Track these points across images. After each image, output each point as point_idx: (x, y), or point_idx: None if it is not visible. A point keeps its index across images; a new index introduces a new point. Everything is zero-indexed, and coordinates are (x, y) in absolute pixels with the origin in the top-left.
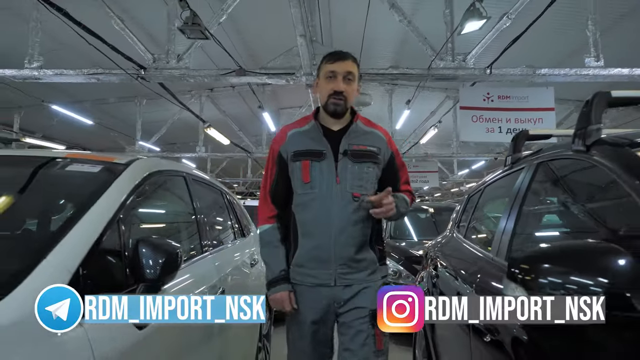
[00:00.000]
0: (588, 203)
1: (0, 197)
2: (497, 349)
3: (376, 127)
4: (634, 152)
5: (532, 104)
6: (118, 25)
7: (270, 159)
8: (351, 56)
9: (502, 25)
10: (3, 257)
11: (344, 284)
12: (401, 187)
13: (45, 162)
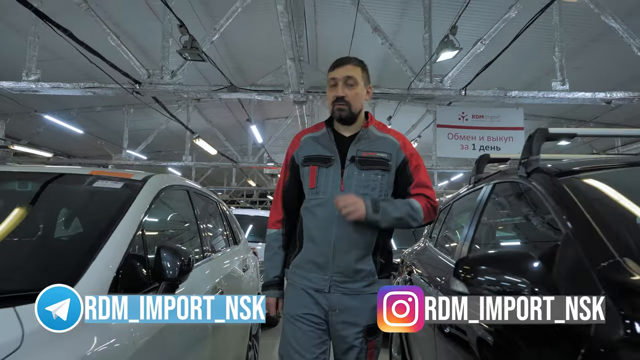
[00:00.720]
0: (526, 219)
1: (45, 209)
2: (461, 346)
3: (390, 132)
4: (559, 181)
5: (503, 124)
6: (114, 41)
7: (284, 164)
8: (353, 60)
9: (477, 50)
10: (63, 257)
11: (340, 292)
12: (412, 190)
13: (75, 180)
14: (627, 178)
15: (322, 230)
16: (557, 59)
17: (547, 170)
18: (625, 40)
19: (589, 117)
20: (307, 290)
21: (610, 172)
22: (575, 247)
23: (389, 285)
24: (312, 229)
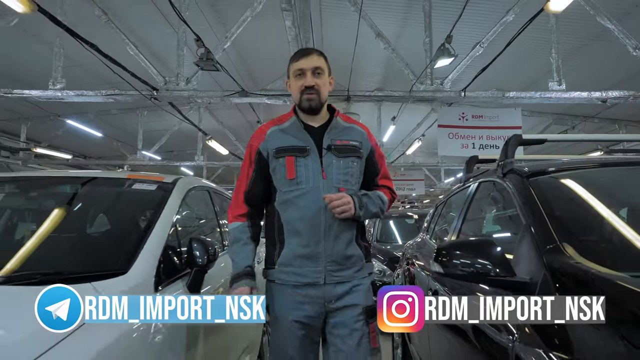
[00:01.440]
0: (502, 212)
1: (96, 208)
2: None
3: (355, 122)
4: (527, 181)
5: (502, 123)
6: (132, 50)
7: (247, 158)
8: (316, 51)
9: (475, 53)
10: (118, 248)
11: (334, 282)
12: (379, 182)
13: (117, 183)
14: (586, 177)
15: (308, 221)
16: (554, 60)
17: (519, 171)
18: (620, 41)
19: (592, 112)
20: (300, 287)
21: (573, 172)
22: (529, 235)
23: (388, 285)
24: (296, 221)
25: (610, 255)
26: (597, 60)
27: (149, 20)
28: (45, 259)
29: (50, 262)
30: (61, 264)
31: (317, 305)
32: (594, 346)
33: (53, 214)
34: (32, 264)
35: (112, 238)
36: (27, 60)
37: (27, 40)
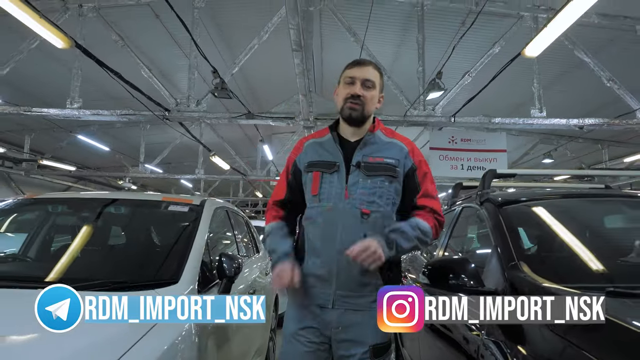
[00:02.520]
0: (479, 233)
1: (142, 227)
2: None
3: (398, 137)
4: (499, 209)
5: (488, 146)
6: (146, 73)
7: (285, 169)
8: (372, 63)
9: (464, 82)
10: (167, 260)
11: (344, 308)
12: (418, 201)
13: (155, 204)
14: (547, 207)
15: (324, 241)
16: (536, 90)
17: (493, 200)
18: (595, 73)
19: (577, 133)
20: (306, 307)
21: (537, 202)
22: (496, 254)
23: (389, 286)
24: (314, 239)
25: (554, 272)
26: (576, 89)
27: (160, 43)
28: (112, 271)
29: (116, 273)
30: (126, 275)
31: (324, 328)
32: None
33: (109, 232)
34: (103, 274)
35: (162, 253)
36: (45, 79)
37: (45, 61)
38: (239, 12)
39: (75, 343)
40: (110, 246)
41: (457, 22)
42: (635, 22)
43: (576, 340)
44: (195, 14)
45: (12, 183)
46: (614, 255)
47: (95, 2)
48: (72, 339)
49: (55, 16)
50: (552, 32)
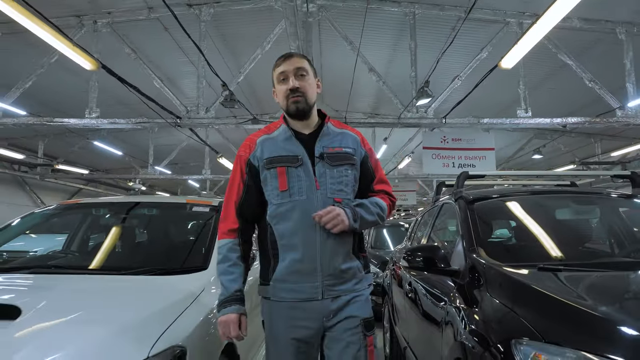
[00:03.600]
0: (453, 226)
1: (176, 224)
2: (415, 305)
3: (347, 127)
4: (469, 205)
5: (477, 145)
6: (158, 84)
7: (237, 169)
8: (296, 53)
9: (455, 85)
10: (197, 251)
11: (332, 296)
12: (375, 187)
13: (182, 206)
14: (508, 203)
15: (303, 235)
16: (522, 91)
17: (465, 198)
18: (578, 74)
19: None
20: (297, 304)
21: (501, 199)
22: (462, 241)
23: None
24: (290, 235)
25: (504, 254)
26: (559, 89)
27: (167, 51)
28: (156, 259)
29: (160, 261)
30: (167, 263)
31: (315, 322)
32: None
33: (151, 229)
34: (149, 262)
35: (192, 246)
36: (63, 91)
37: (63, 73)
38: (242, 23)
39: (135, 315)
40: (151, 241)
41: (447, 28)
42: (615, 25)
43: (510, 304)
44: (202, 27)
45: (27, 187)
46: (554, 241)
47: (109, 18)
48: (132, 312)
49: (72, 32)
50: (523, 46)
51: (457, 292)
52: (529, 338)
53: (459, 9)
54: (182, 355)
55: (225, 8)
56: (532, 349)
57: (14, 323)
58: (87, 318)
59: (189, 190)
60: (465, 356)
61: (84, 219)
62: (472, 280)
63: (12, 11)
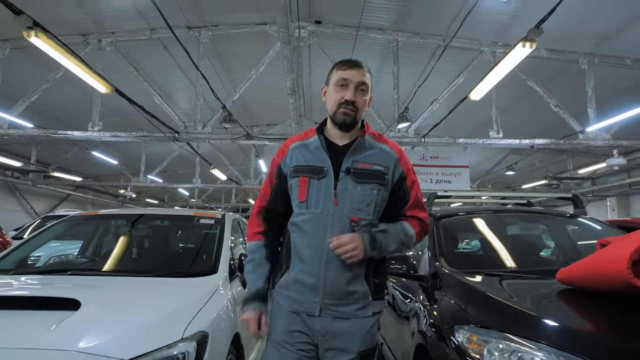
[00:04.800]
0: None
1: (186, 234)
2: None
3: (387, 142)
4: (436, 222)
5: (454, 162)
6: (158, 100)
7: (269, 173)
8: (365, 66)
9: (433, 107)
10: (206, 258)
11: (331, 316)
12: (407, 212)
13: (190, 219)
14: (469, 220)
15: (312, 249)
16: (494, 114)
17: (433, 215)
18: (544, 99)
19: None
20: (295, 313)
21: (464, 217)
22: (428, 251)
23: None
24: (301, 247)
25: (460, 263)
26: (528, 113)
27: (164, 67)
28: (174, 264)
29: (177, 266)
30: (183, 268)
31: (310, 336)
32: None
33: (166, 238)
34: (168, 268)
35: (203, 253)
36: (67, 104)
37: (67, 88)
38: (238, 45)
39: (169, 306)
40: (167, 248)
41: (427, 54)
42: (579, 56)
43: (459, 302)
44: (200, 49)
45: (17, 192)
46: (503, 252)
47: (113, 38)
48: (167, 304)
49: (77, 49)
50: (489, 81)
51: (422, 293)
52: (467, 324)
53: (437, 37)
54: (206, 338)
55: (223, 31)
56: (468, 332)
57: (77, 312)
58: (133, 308)
59: (176, 198)
60: (426, 342)
61: (106, 228)
62: (434, 283)
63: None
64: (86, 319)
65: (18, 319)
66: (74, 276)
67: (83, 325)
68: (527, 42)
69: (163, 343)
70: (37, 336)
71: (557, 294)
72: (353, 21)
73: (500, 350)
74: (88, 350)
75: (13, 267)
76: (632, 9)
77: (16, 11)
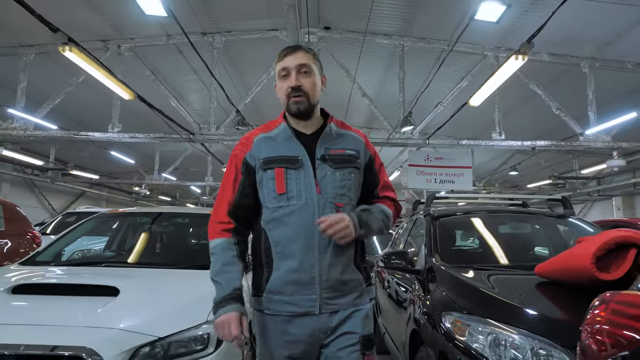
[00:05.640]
0: (423, 236)
1: (200, 231)
2: (391, 298)
3: (351, 128)
4: (434, 220)
5: (457, 163)
6: (174, 102)
7: (232, 169)
8: (303, 47)
9: (437, 110)
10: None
11: (330, 311)
12: (380, 193)
13: (205, 216)
14: (464, 219)
15: (301, 242)
16: (496, 116)
17: (431, 215)
18: (546, 102)
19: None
20: (292, 318)
21: (460, 216)
22: (424, 248)
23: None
24: (287, 242)
25: (452, 258)
26: (530, 115)
27: (178, 69)
28: (191, 258)
29: (195, 259)
30: (200, 260)
31: (311, 337)
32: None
33: (186, 234)
34: (187, 260)
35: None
36: (88, 107)
37: (88, 91)
38: (250, 49)
39: (194, 293)
40: (186, 243)
41: (433, 58)
42: (580, 60)
43: (448, 292)
44: (214, 53)
45: (36, 189)
46: (493, 249)
47: (131, 43)
48: (192, 291)
49: (98, 54)
50: (487, 89)
51: (419, 285)
52: (453, 311)
53: (442, 42)
54: None
55: (236, 37)
56: (453, 317)
57: (117, 298)
58: (163, 295)
59: (187, 194)
60: (419, 327)
61: (131, 225)
62: (429, 276)
63: (81, 62)
64: (125, 303)
65: (71, 303)
66: (107, 267)
67: (123, 308)
68: (520, 54)
69: (190, 324)
70: (89, 316)
71: (534, 286)
72: (360, 27)
73: (480, 332)
74: (130, 328)
75: (52, 259)
76: (633, 14)
77: (53, 29)
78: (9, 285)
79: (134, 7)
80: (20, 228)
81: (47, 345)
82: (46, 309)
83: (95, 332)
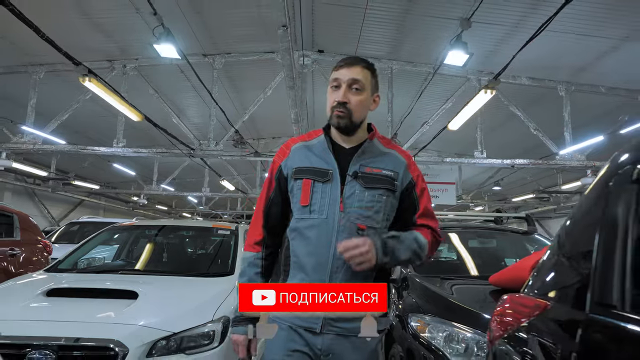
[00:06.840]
0: None
1: (207, 242)
2: None
3: (396, 147)
4: None
5: (441, 179)
6: (175, 119)
7: (269, 175)
8: (362, 62)
9: (424, 129)
10: (224, 263)
11: (333, 333)
12: (417, 220)
13: (209, 230)
14: (455, 234)
15: (315, 258)
16: (478, 136)
17: None
18: (525, 123)
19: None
20: (295, 329)
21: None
22: None
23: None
24: (303, 255)
25: (426, 269)
26: (510, 135)
27: (178, 87)
28: (199, 266)
29: (200, 267)
30: (204, 269)
31: (312, 353)
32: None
33: (192, 244)
34: (195, 269)
35: (221, 257)
36: (93, 121)
37: (94, 107)
38: (248, 70)
39: (203, 296)
40: (193, 253)
41: (420, 80)
42: (557, 83)
43: (416, 298)
44: (214, 73)
45: (36, 198)
46: (461, 261)
47: (136, 63)
48: (201, 295)
49: (104, 73)
50: (464, 115)
51: (395, 293)
52: (418, 313)
53: (428, 65)
54: (228, 321)
55: (235, 58)
56: (417, 317)
57: (137, 300)
58: (175, 298)
59: (183, 204)
60: (391, 329)
61: (142, 236)
62: (403, 285)
63: (98, 89)
64: (144, 304)
65: (99, 304)
66: (123, 275)
67: (143, 309)
68: (488, 89)
69: (199, 322)
70: (115, 315)
71: (487, 293)
72: (351, 51)
73: (438, 330)
74: (150, 325)
75: (72, 267)
76: (602, 44)
77: (76, 62)
78: (44, 289)
79: (142, 34)
80: (33, 237)
81: (82, 338)
82: (79, 308)
83: (121, 328)
